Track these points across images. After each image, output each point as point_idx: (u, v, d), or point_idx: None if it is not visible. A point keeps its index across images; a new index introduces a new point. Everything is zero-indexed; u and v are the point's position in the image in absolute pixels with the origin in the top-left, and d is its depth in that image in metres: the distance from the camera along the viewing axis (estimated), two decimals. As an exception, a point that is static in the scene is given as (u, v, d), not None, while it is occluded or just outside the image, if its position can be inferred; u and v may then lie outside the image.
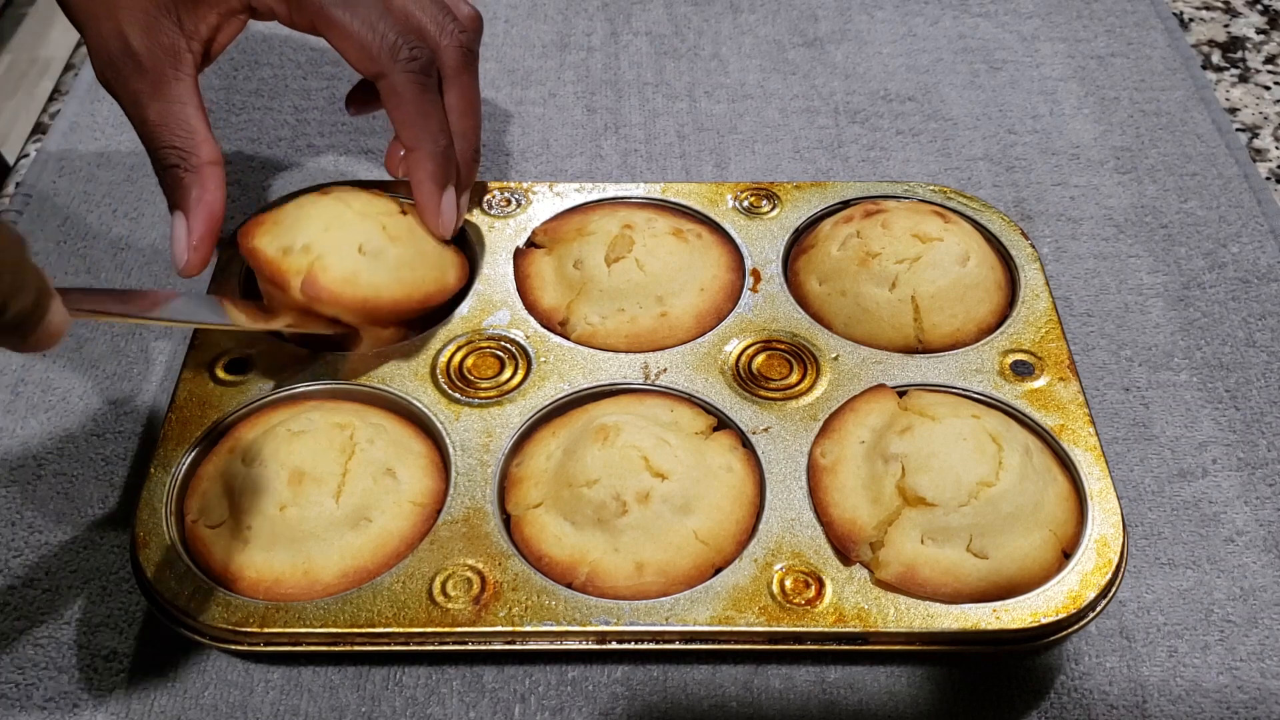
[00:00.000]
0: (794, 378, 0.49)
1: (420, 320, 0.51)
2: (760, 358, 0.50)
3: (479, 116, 0.50)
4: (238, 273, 0.53)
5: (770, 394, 0.48)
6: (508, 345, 0.50)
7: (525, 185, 0.57)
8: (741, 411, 0.48)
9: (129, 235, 0.60)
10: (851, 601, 0.41)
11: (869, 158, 0.66)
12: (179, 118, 0.44)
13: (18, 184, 0.63)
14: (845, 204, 0.56)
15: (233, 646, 0.41)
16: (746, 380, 0.49)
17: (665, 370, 0.49)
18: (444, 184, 0.48)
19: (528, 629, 0.41)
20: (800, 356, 0.50)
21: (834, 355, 0.50)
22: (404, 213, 0.49)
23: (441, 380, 0.49)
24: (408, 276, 0.48)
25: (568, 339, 0.51)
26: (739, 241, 0.55)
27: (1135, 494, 0.50)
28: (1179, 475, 0.50)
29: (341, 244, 0.46)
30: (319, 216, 0.47)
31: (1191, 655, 0.45)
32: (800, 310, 0.52)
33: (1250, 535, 0.48)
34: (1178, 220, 0.62)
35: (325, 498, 0.43)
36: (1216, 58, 0.74)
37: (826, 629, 0.41)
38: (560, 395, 0.48)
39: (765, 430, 0.47)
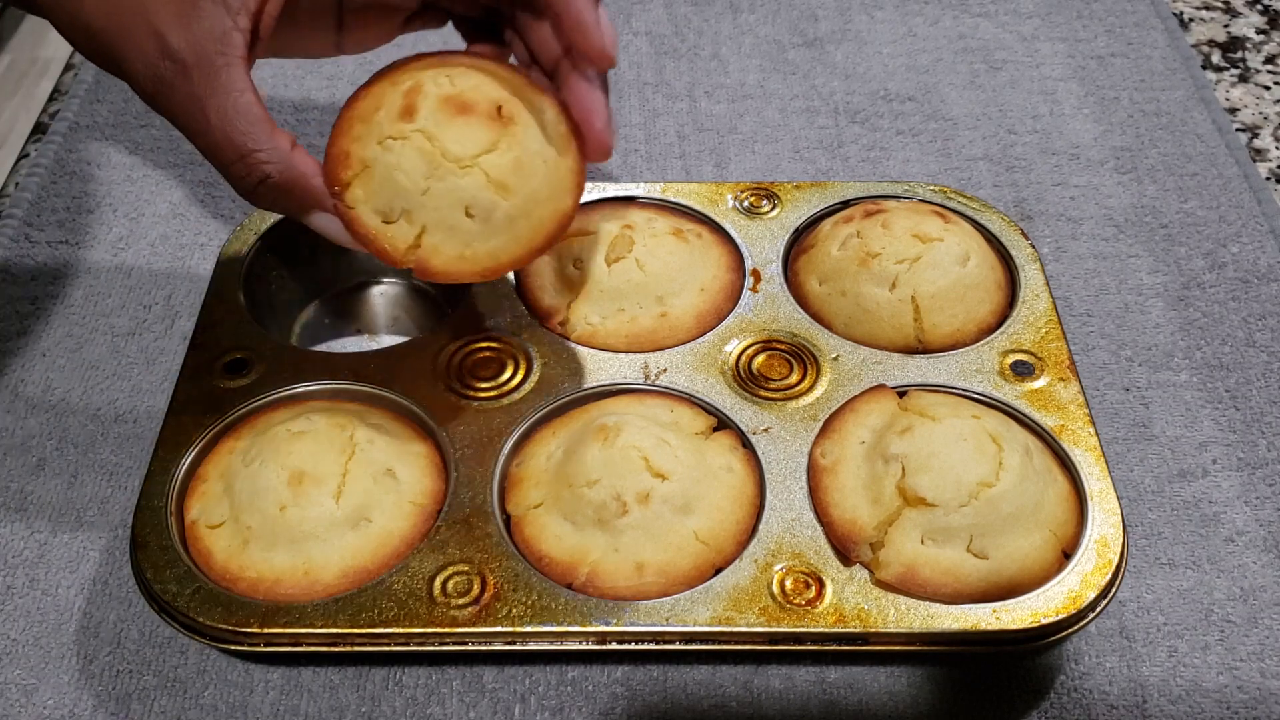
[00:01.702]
0: (794, 378, 0.49)
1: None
2: (760, 358, 0.50)
3: None
4: (242, 265, 0.53)
5: (770, 394, 0.48)
6: (508, 345, 0.50)
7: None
8: (741, 412, 0.48)
9: (129, 235, 0.60)
10: (852, 602, 0.41)
11: (869, 158, 0.66)
12: (242, 110, 0.38)
13: (17, 184, 0.63)
14: (845, 204, 0.56)
15: (233, 647, 0.41)
16: (747, 380, 0.49)
17: (665, 370, 0.49)
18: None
19: (528, 629, 0.41)
20: (800, 357, 0.50)
21: (834, 355, 0.50)
22: (500, 118, 0.41)
23: (441, 380, 0.49)
24: (525, 230, 0.42)
25: (568, 339, 0.51)
26: (739, 241, 0.55)
27: (1135, 494, 0.50)
28: (1179, 475, 0.50)
29: (446, 209, 0.41)
30: (412, 167, 0.41)
31: (1191, 655, 0.45)
32: (800, 310, 0.52)
33: (1250, 535, 0.48)
34: (1178, 220, 0.62)
35: (325, 498, 0.43)
36: (1216, 58, 0.74)
37: (827, 629, 0.41)
38: (560, 395, 0.48)
39: (765, 430, 0.47)
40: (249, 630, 0.40)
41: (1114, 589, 0.42)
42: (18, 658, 0.44)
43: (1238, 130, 0.68)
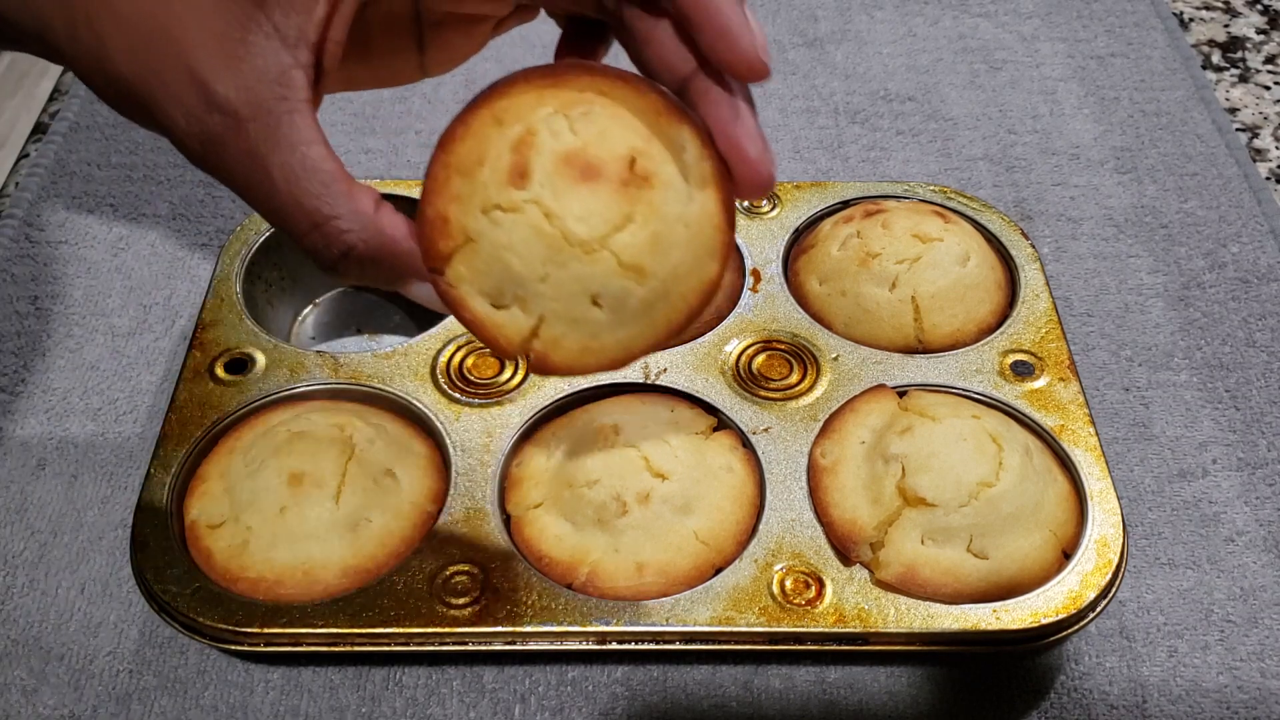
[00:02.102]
0: (794, 378, 0.49)
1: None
2: (760, 358, 0.50)
3: None
4: (238, 275, 0.53)
5: (770, 394, 0.48)
6: (508, 345, 0.50)
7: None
8: (742, 411, 0.48)
9: (129, 236, 0.60)
10: (852, 602, 0.41)
11: (869, 158, 0.66)
12: (312, 168, 0.31)
13: (17, 184, 0.63)
14: (845, 204, 0.56)
15: (233, 647, 0.41)
16: (747, 380, 0.49)
17: (665, 370, 0.49)
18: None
19: (528, 629, 0.41)
20: (800, 356, 0.50)
21: (834, 355, 0.50)
22: (633, 177, 0.32)
23: (441, 380, 0.49)
24: (663, 312, 0.34)
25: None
26: (739, 241, 0.55)
27: (1135, 494, 0.50)
28: (1179, 475, 0.50)
29: (568, 299, 0.33)
30: (526, 250, 0.33)
31: (1191, 655, 0.45)
32: (800, 310, 0.52)
33: (1250, 535, 0.48)
34: (1178, 220, 0.62)
35: (325, 498, 0.43)
36: (1216, 58, 0.74)
37: (827, 629, 0.41)
38: (560, 395, 0.48)
39: (765, 430, 0.47)
40: (249, 630, 0.40)
41: (1114, 589, 0.42)
42: (18, 658, 0.44)
43: (1238, 130, 0.68)
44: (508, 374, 0.49)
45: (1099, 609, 0.42)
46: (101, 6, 0.31)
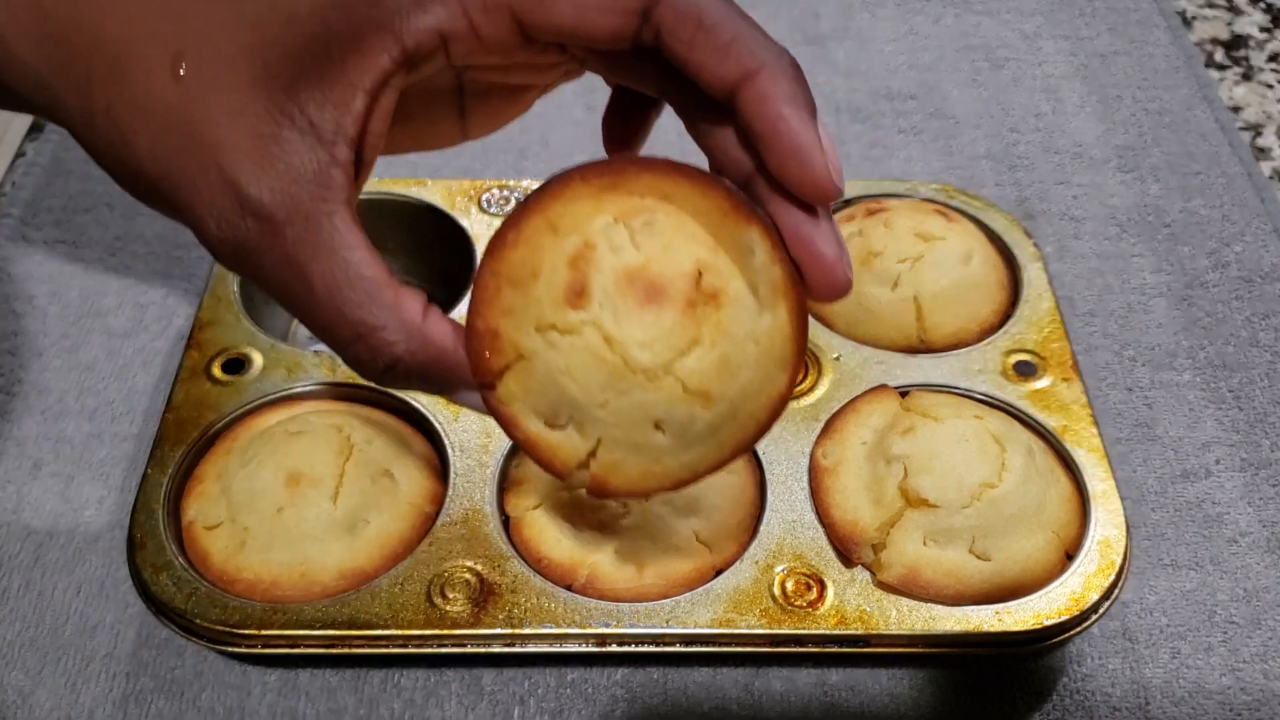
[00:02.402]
0: (795, 378, 0.49)
1: None
2: (761, 358, 0.50)
3: None
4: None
5: (771, 394, 0.48)
6: (507, 345, 0.50)
7: (524, 183, 0.57)
8: (742, 412, 0.47)
9: (125, 235, 0.60)
10: (853, 603, 0.41)
11: (871, 156, 0.66)
12: (355, 276, 0.29)
13: (14, 183, 0.62)
14: (847, 203, 0.56)
15: (230, 648, 0.41)
16: (747, 380, 0.49)
17: (665, 370, 0.49)
18: (813, 109, 0.29)
19: (527, 631, 0.40)
20: (801, 356, 0.50)
21: (836, 355, 0.50)
22: (699, 295, 0.30)
23: (440, 380, 0.48)
24: (729, 433, 0.32)
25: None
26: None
27: (1138, 495, 0.49)
28: (1182, 476, 0.50)
29: (629, 425, 0.31)
30: (585, 376, 0.30)
31: (1194, 657, 0.44)
32: (801, 310, 0.52)
33: (1253, 536, 0.48)
34: (1181, 219, 0.62)
35: (323, 499, 0.42)
36: (1219, 56, 0.74)
37: (828, 631, 0.40)
38: (560, 395, 0.48)
39: (766, 431, 0.47)
40: (246, 632, 0.40)
41: (1117, 590, 0.42)
42: (14, 660, 0.44)
43: (1241, 129, 0.68)
44: (507, 374, 0.49)
45: (1102, 610, 0.41)
46: (121, 96, 0.29)
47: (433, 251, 0.55)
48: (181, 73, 0.28)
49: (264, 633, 0.40)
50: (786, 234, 0.30)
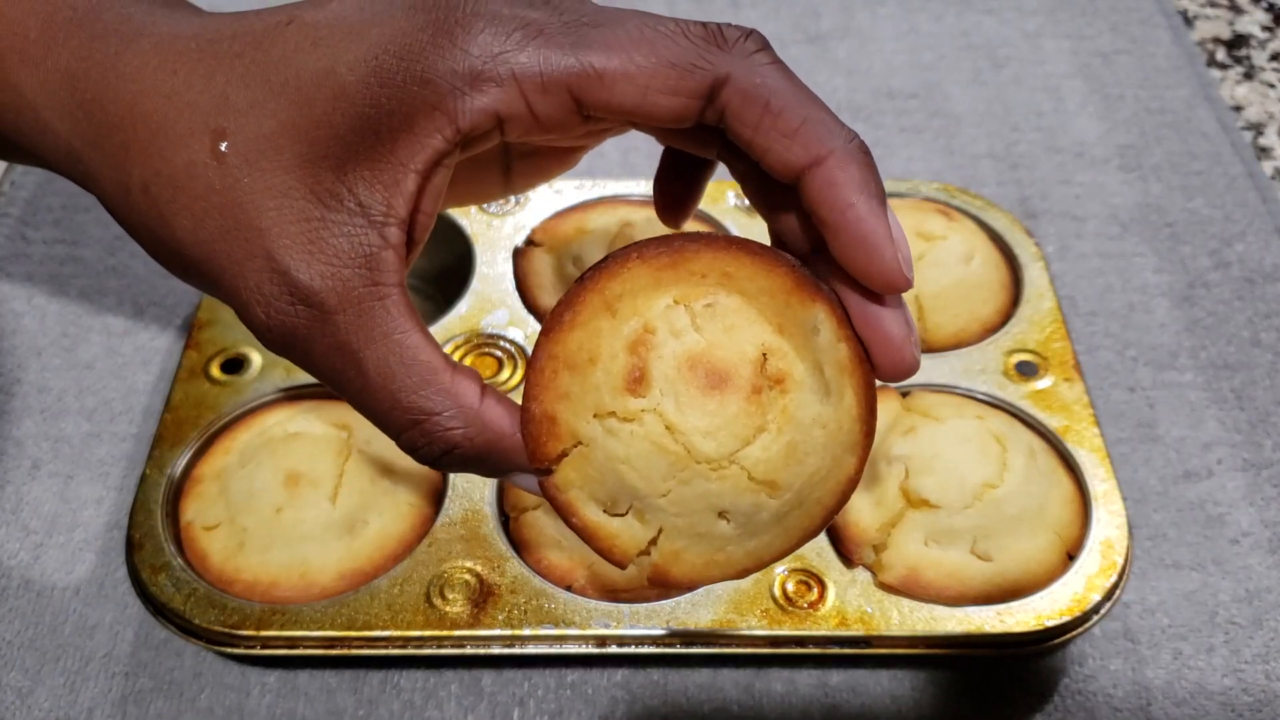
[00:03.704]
0: (796, 378, 0.49)
1: None
2: (762, 357, 0.49)
3: None
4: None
5: (772, 394, 0.48)
6: (506, 345, 0.50)
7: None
8: (743, 412, 0.47)
9: (124, 235, 0.59)
10: (854, 604, 0.41)
11: (872, 154, 0.65)
12: (409, 361, 0.28)
13: (13, 182, 0.62)
14: (847, 202, 0.55)
15: (229, 649, 0.41)
16: (748, 380, 0.48)
17: (666, 370, 0.49)
18: (883, 196, 0.28)
19: (526, 632, 0.40)
20: (802, 356, 0.50)
21: (836, 355, 0.49)
22: (764, 380, 0.29)
23: (440, 380, 0.48)
24: (796, 521, 0.30)
25: (567, 338, 0.50)
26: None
27: (1140, 495, 0.49)
28: (1184, 476, 0.50)
29: (692, 515, 0.30)
30: (646, 466, 0.29)
31: (1196, 657, 0.44)
32: (802, 309, 0.51)
33: (1255, 537, 0.48)
34: (1183, 219, 0.62)
35: (321, 499, 0.42)
36: (1221, 55, 0.73)
37: (829, 632, 0.40)
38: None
39: (767, 431, 0.47)
40: (245, 633, 0.40)
41: (1118, 591, 0.42)
42: (13, 660, 0.44)
43: (1242, 129, 0.68)
44: (506, 374, 0.49)
45: (1103, 611, 0.41)
46: (159, 174, 0.28)
47: (431, 251, 0.55)
48: (224, 150, 0.27)
49: (263, 633, 0.40)
50: (852, 312, 0.29)
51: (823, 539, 0.43)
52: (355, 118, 0.27)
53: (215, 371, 0.48)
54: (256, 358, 0.49)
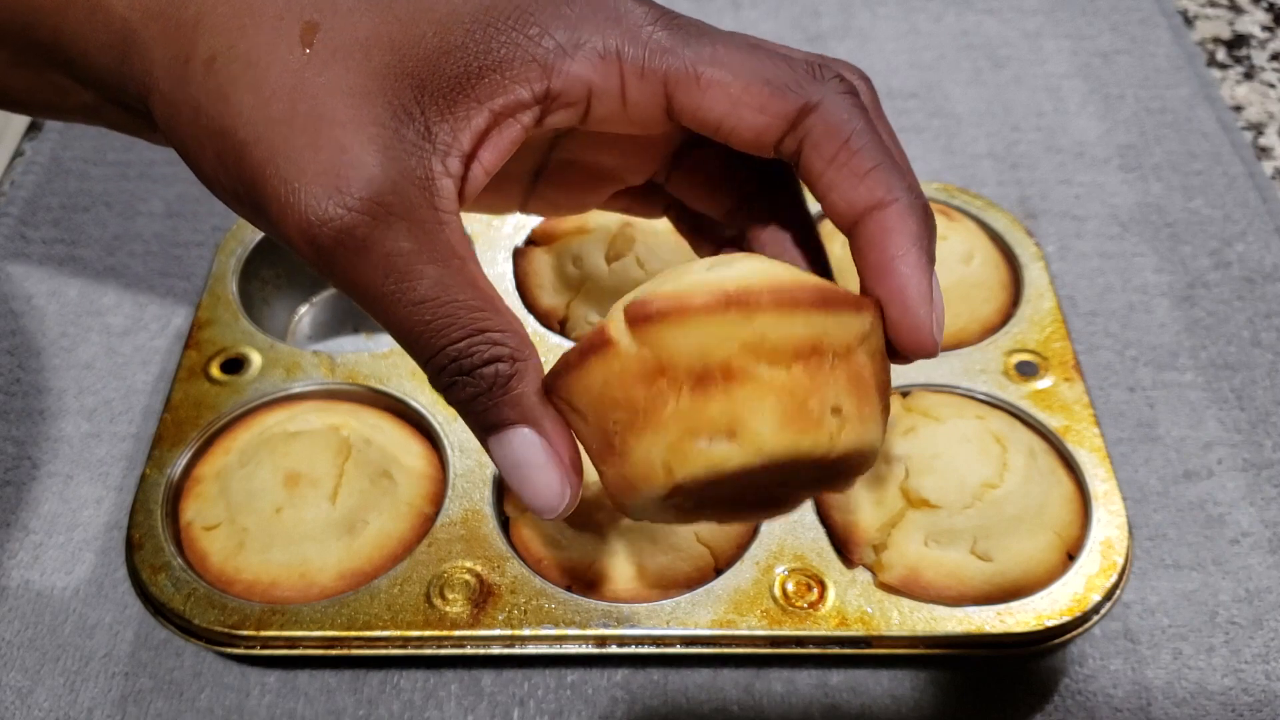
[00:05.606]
0: (796, 378, 0.49)
1: None
2: (762, 357, 0.49)
3: None
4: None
5: (772, 394, 0.48)
6: (507, 345, 0.50)
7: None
8: (743, 412, 0.47)
9: (124, 234, 0.60)
10: (854, 604, 0.41)
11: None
12: (472, 285, 0.27)
13: (13, 182, 0.62)
14: (847, 202, 0.55)
15: (229, 649, 0.41)
16: (748, 380, 0.48)
17: (666, 370, 0.49)
18: (933, 258, 0.29)
19: (526, 632, 0.40)
20: (802, 356, 0.49)
21: (836, 355, 0.49)
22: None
23: (440, 380, 0.48)
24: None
25: (568, 339, 0.50)
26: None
27: (1140, 495, 0.49)
28: (1184, 476, 0.50)
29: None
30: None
31: (1196, 658, 0.44)
32: (802, 309, 0.51)
33: (1255, 537, 0.48)
34: (1183, 219, 0.62)
35: (321, 500, 0.42)
36: (1221, 55, 0.73)
37: (829, 632, 0.40)
38: (560, 395, 0.48)
39: (767, 431, 0.46)
40: (245, 633, 0.40)
41: (1118, 591, 0.42)
42: (13, 660, 0.44)
43: (1242, 129, 0.68)
44: (506, 373, 0.49)
45: (1103, 611, 0.41)
46: (234, 49, 0.26)
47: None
48: (314, 40, 0.26)
49: (263, 634, 0.40)
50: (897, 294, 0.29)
51: (823, 539, 0.43)
52: (452, 46, 0.26)
53: (215, 371, 0.48)
54: (256, 358, 0.49)
